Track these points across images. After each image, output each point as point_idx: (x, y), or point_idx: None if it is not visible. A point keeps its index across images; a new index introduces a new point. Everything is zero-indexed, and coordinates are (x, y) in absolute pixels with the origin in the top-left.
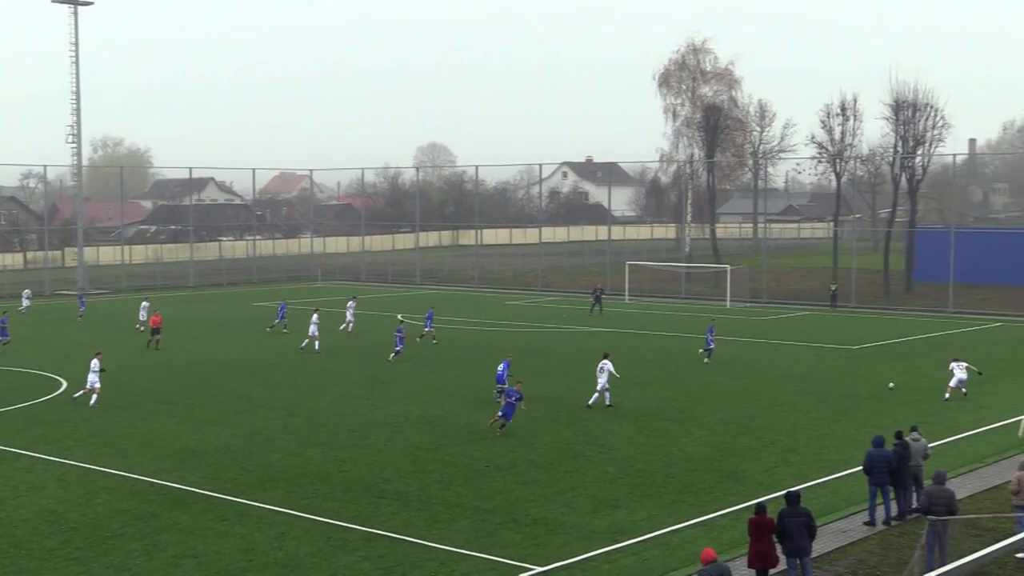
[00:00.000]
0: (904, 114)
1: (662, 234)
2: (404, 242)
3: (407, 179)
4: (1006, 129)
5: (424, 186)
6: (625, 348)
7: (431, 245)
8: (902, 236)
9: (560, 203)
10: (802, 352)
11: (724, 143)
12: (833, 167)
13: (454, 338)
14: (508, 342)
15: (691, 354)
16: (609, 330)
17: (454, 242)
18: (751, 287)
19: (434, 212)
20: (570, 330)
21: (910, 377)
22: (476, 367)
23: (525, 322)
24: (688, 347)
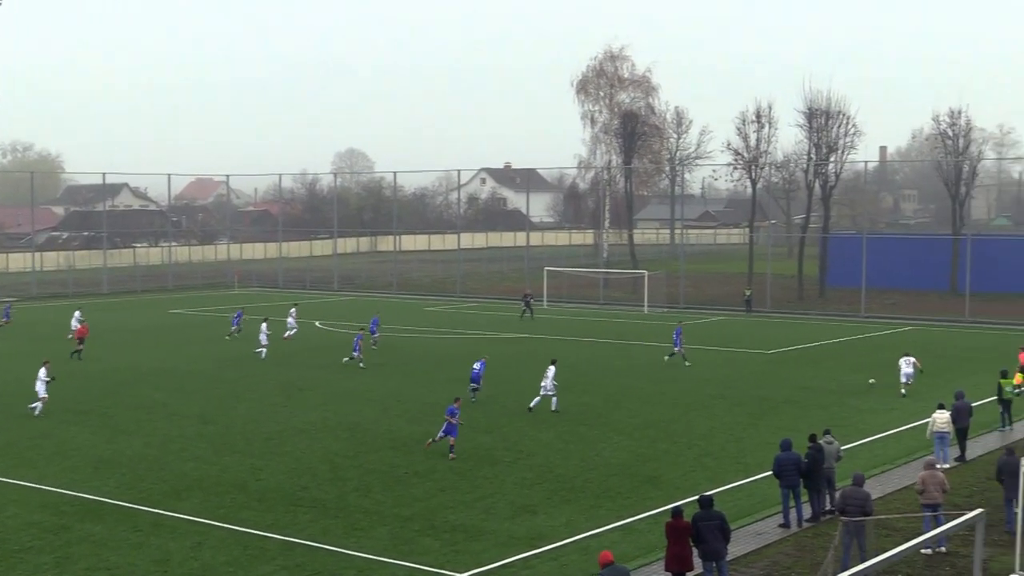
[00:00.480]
0: (817, 122)
1: (580, 240)
2: (322, 248)
3: (325, 185)
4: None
5: (342, 192)
6: (544, 353)
7: (349, 251)
8: (816, 242)
9: (479, 209)
10: (718, 356)
11: (641, 149)
12: (749, 173)
13: (384, 344)
14: (427, 348)
15: (609, 359)
16: (528, 335)
17: (372, 248)
18: (668, 292)
19: (352, 218)
20: (489, 336)
21: (824, 380)
22: (396, 374)
23: (444, 328)
24: (606, 352)
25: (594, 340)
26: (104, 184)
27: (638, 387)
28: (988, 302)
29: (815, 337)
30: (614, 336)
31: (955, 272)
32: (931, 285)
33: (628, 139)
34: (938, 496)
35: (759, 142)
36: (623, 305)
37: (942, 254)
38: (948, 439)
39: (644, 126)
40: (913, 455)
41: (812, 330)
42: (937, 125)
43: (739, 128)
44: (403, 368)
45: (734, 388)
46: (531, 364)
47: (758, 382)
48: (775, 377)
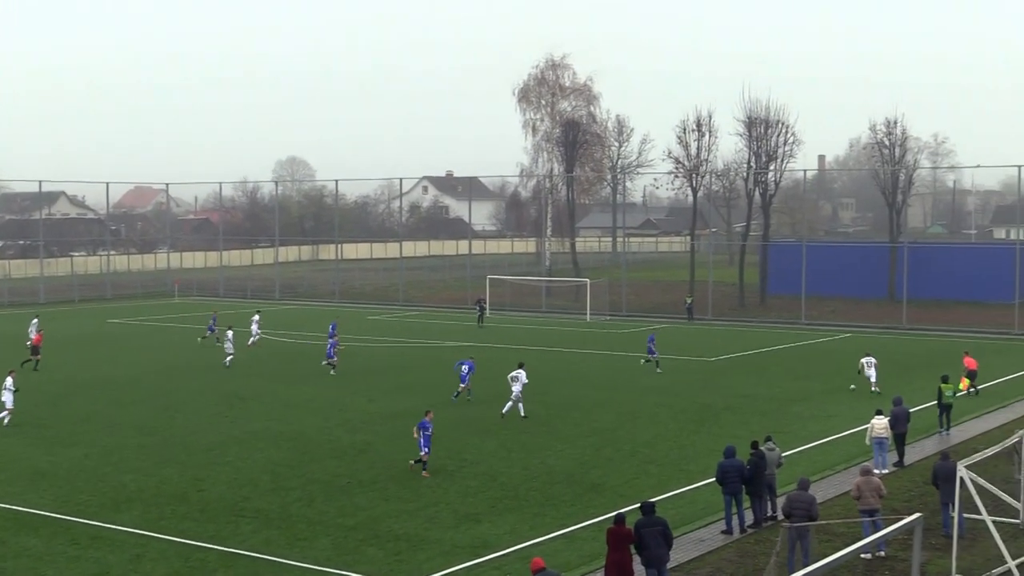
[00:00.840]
0: (756, 130)
1: (523, 248)
2: (263, 257)
3: (266, 193)
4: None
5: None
6: (486, 362)
7: (291, 260)
8: (756, 249)
9: (421, 217)
10: (661, 364)
11: (583, 158)
12: (689, 182)
13: (315, 353)
14: (370, 357)
15: (552, 368)
16: (471, 344)
17: (314, 257)
18: (611, 300)
19: (293, 227)
20: (433, 344)
21: (764, 388)
22: (337, 382)
23: (387, 337)
24: (549, 361)
25: (537, 348)
26: (40, 192)
27: (582, 395)
28: (925, 309)
29: (756, 344)
30: (557, 344)
31: (893, 279)
32: (870, 292)
33: (570, 147)
34: (874, 501)
35: (699, 151)
36: (566, 313)
37: (880, 262)
38: (887, 444)
39: (585, 134)
40: (853, 461)
41: (753, 337)
42: (874, 134)
43: (680, 137)
44: (345, 377)
45: (677, 396)
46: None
47: (700, 390)
48: (717, 385)
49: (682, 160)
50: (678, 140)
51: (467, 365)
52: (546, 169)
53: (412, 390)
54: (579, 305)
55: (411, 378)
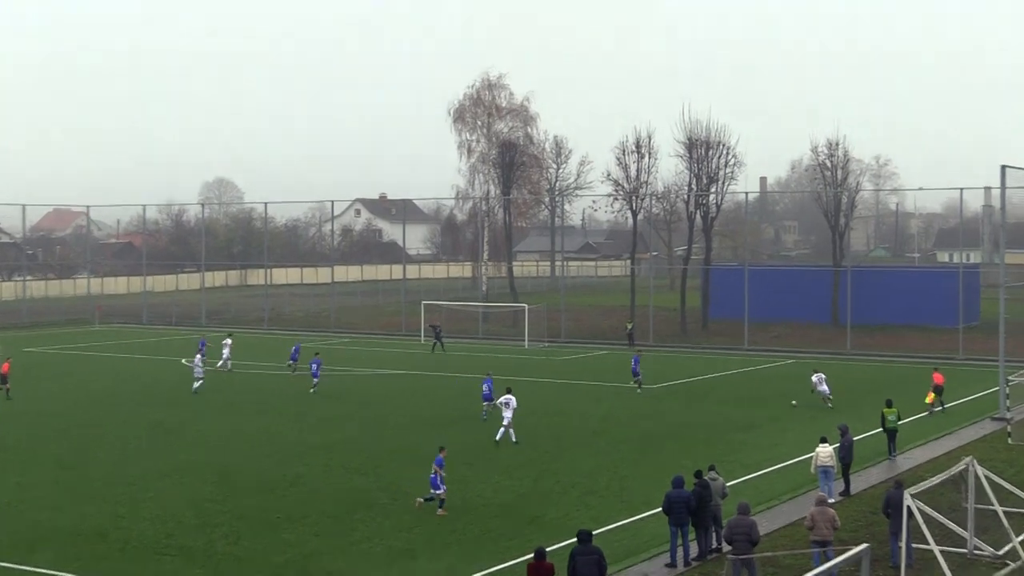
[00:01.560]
0: (697, 152)
1: (458, 272)
2: (189, 282)
3: (192, 216)
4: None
5: (210, 223)
6: (421, 390)
7: (218, 285)
8: (698, 273)
9: (353, 241)
10: (600, 392)
11: (520, 180)
12: (629, 204)
13: (244, 382)
14: (300, 386)
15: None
16: (404, 372)
17: (242, 282)
18: (549, 326)
19: (221, 251)
20: (366, 373)
21: (708, 415)
22: (267, 413)
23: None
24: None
25: (473, 376)
26: None
27: (519, 424)
28: (869, 334)
29: (698, 371)
30: (495, 372)
31: (836, 304)
32: (813, 317)
33: (506, 169)
34: (827, 533)
35: (639, 172)
36: (503, 339)
37: (823, 286)
38: (832, 473)
39: (523, 156)
40: (799, 490)
41: (695, 364)
42: (816, 156)
43: (619, 158)
44: (274, 407)
45: (617, 424)
46: (411, 399)
47: (641, 418)
48: (659, 412)
49: (621, 182)
50: (617, 162)
51: (487, 382)
52: (482, 191)
53: (346, 420)
54: (517, 331)
55: (344, 408)
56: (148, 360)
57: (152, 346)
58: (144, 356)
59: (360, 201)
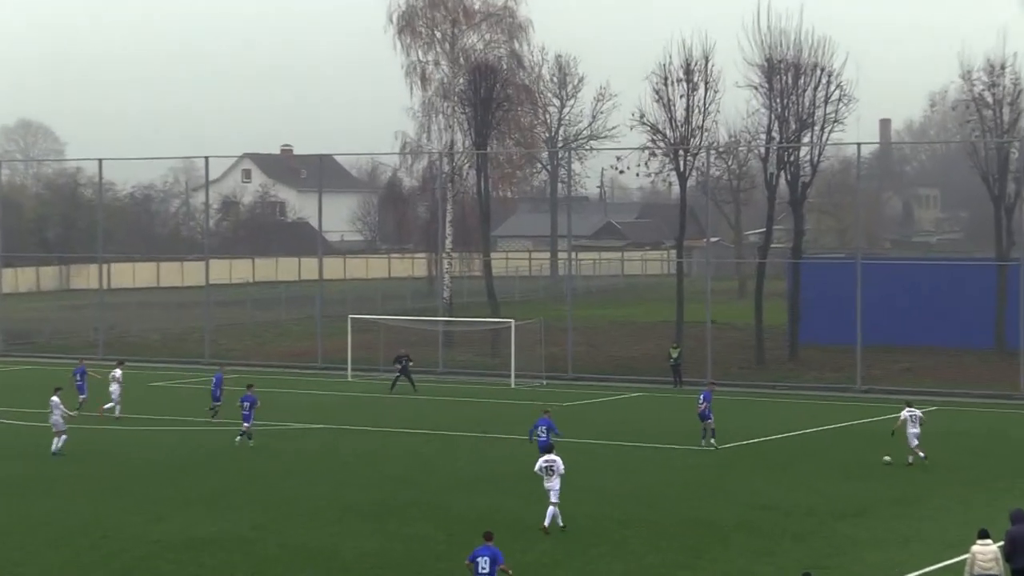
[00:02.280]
0: (781, 80)
1: (406, 270)
2: None
3: None
4: (934, 105)
5: (11, 192)
6: (356, 453)
7: (23, 290)
8: (782, 271)
9: (239, 221)
10: (631, 457)
11: (504, 125)
12: (674, 163)
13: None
14: (150, 447)
15: (457, 466)
16: (322, 425)
17: (62, 285)
18: (549, 354)
19: (29, 235)
20: (267, 426)
21: (798, 494)
22: (99, 492)
23: (183, 415)
24: (452, 454)
25: (428, 432)
26: None
27: (506, 510)
28: None
29: (783, 424)
30: (461, 427)
31: (1002, 319)
32: (966, 340)
33: (482, 108)
34: None
35: (690, 113)
36: (476, 374)
37: (981, 290)
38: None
39: (507, 87)
40: None
41: (778, 413)
42: (969, 86)
43: (658, 91)
44: (110, 482)
45: (658, 508)
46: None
47: (695, 498)
48: (722, 490)
49: (662, 128)
50: (655, 96)
51: (544, 424)
52: (443, 142)
53: (227, 500)
54: (498, 362)
55: (223, 481)
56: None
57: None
58: None
59: (250, 157)
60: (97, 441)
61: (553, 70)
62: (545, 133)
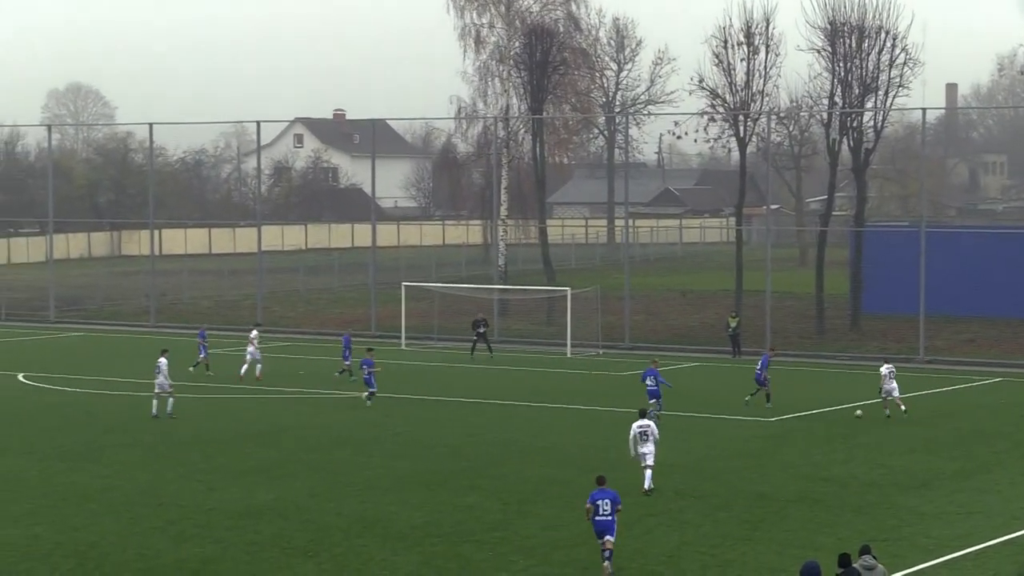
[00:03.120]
0: (845, 44)
1: (459, 237)
2: (28, 251)
3: (32, 145)
4: (1002, 68)
5: (61, 158)
6: (401, 424)
7: (74, 256)
8: (844, 239)
9: (292, 187)
10: (688, 429)
11: (560, 89)
12: (734, 128)
13: (113, 412)
14: (210, 417)
15: (515, 435)
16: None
17: (113, 251)
18: (606, 322)
19: (79, 201)
20: (320, 395)
21: (858, 466)
22: (151, 460)
23: (236, 383)
24: (508, 424)
25: (479, 401)
26: None
27: (561, 480)
28: None
29: (845, 395)
30: (515, 395)
31: None
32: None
33: (537, 72)
34: None
35: (750, 77)
36: (531, 343)
37: None
38: None
39: (563, 51)
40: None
41: (840, 384)
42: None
43: (717, 54)
44: (161, 451)
45: (715, 479)
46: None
47: (753, 470)
48: (780, 462)
49: (721, 93)
50: (715, 60)
51: (651, 373)
52: (498, 107)
53: (283, 469)
54: (554, 330)
55: (278, 450)
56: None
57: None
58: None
59: (302, 122)
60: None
61: (610, 33)
62: (602, 98)
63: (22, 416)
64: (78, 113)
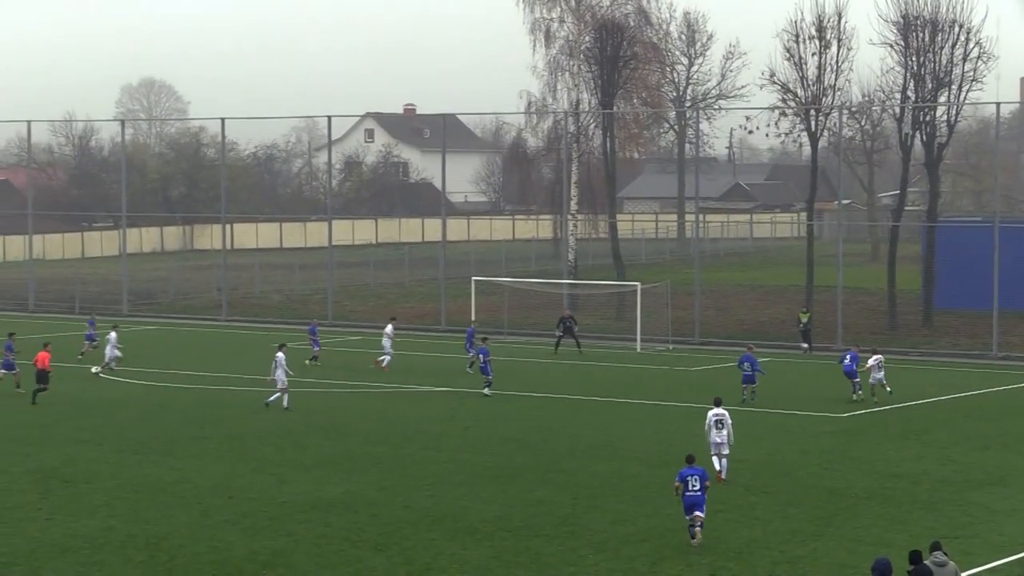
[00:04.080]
0: (918, 38)
1: (530, 232)
2: (102, 245)
3: (105, 139)
4: None
5: (134, 152)
6: (471, 418)
7: (147, 250)
8: (917, 234)
9: (362, 181)
10: (759, 424)
11: (630, 84)
12: (805, 123)
13: (186, 405)
14: (278, 409)
15: (582, 429)
16: (442, 389)
17: (185, 245)
18: (676, 318)
19: (152, 195)
20: (389, 388)
21: (930, 463)
22: (224, 453)
23: (304, 377)
24: (575, 417)
25: (548, 396)
26: None
27: (630, 475)
28: None
29: (917, 391)
30: (582, 390)
31: None
32: None
33: (608, 67)
34: None
35: (822, 71)
36: (601, 338)
37: None
38: None
39: (634, 45)
40: None
41: (912, 380)
42: None
43: (789, 48)
44: (236, 443)
45: (786, 475)
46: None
47: (824, 466)
48: (851, 457)
49: (792, 87)
50: (786, 54)
51: (748, 359)
52: (569, 102)
53: (352, 463)
54: (624, 325)
55: (348, 444)
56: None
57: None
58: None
59: (373, 117)
60: (224, 403)
61: (681, 27)
62: (672, 92)
63: (95, 409)
64: (151, 108)
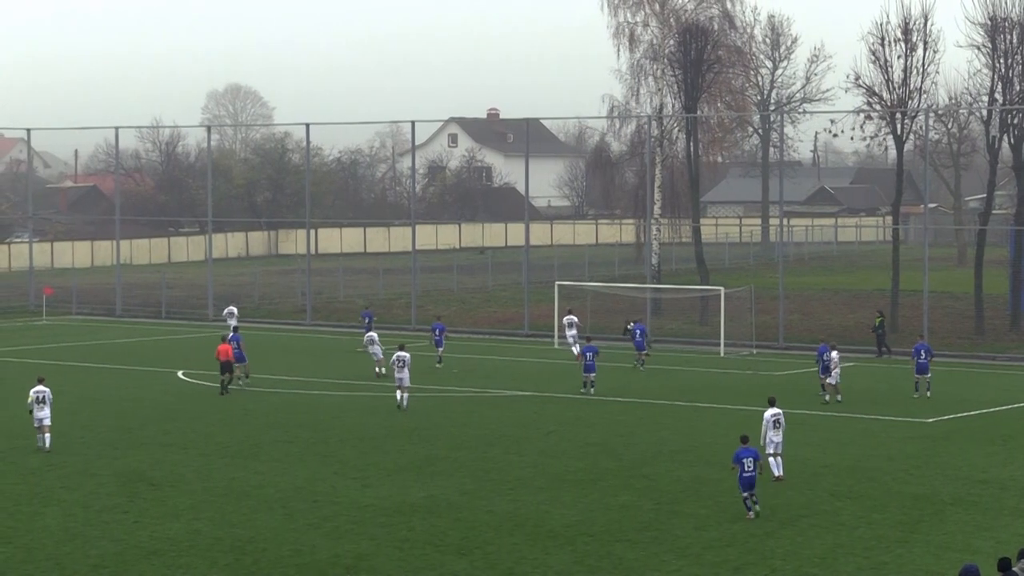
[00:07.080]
0: (1006, 40)
1: (613, 236)
2: (187, 249)
3: (192, 145)
4: None
5: (220, 157)
6: (553, 423)
7: (232, 255)
8: (1004, 239)
9: (445, 186)
10: (843, 429)
11: (715, 88)
12: (891, 127)
13: (270, 409)
14: (364, 413)
15: (662, 432)
16: (525, 394)
17: (270, 250)
18: (760, 322)
19: (237, 200)
20: (472, 393)
21: (1020, 469)
22: (308, 456)
23: (388, 381)
24: (653, 418)
25: (632, 401)
26: None
27: (712, 480)
28: None
29: (1003, 397)
30: (665, 395)
31: None
32: None
33: (692, 71)
34: None
35: (908, 74)
36: (684, 342)
37: None
38: None
39: (718, 49)
40: None
41: (1000, 385)
42: None
43: (874, 51)
44: (320, 447)
45: (871, 481)
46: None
47: (910, 471)
48: (937, 463)
49: (878, 90)
50: (872, 57)
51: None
52: (652, 106)
53: (434, 467)
54: (707, 330)
55: (430, 448)
56: (125, 373)
57: (130, 351)
58: (117, 367)
59: (456, 122)
60: (307, 408)
61: (765, 31)
62: (757, 96)
63: (181, 413)
64: (237, 114)
